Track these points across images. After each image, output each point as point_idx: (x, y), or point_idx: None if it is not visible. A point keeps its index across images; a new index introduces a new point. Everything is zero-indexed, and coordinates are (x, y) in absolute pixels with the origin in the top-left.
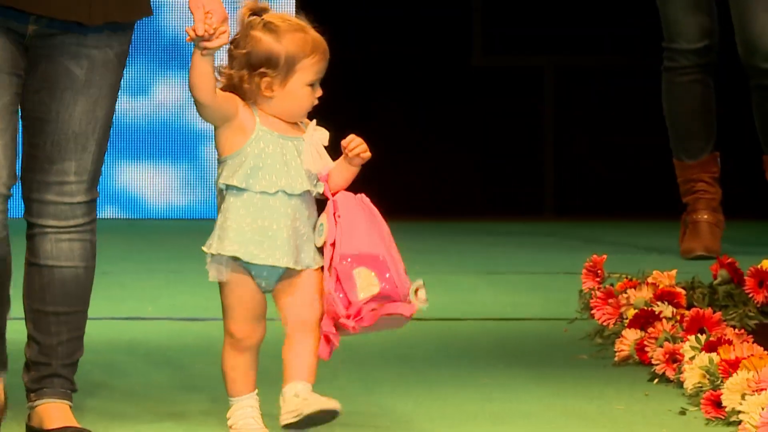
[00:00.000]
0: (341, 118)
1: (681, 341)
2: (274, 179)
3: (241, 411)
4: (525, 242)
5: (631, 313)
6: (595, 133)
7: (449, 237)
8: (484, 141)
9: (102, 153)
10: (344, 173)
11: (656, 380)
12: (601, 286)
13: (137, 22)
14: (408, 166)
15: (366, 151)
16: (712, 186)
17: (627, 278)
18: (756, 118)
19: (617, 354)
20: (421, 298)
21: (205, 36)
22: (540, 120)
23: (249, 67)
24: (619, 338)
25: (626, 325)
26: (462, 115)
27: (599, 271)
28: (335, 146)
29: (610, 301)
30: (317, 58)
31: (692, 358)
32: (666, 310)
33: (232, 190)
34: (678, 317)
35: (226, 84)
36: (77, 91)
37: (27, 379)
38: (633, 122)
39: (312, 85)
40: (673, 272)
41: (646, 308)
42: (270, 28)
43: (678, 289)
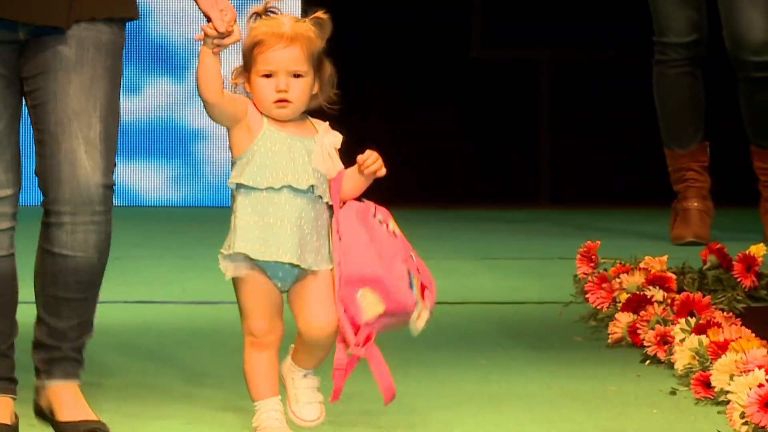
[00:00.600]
0: (345, 109)
1: (672, 324)
2: (280, 175)
3: (266, 414)
4: (521, 229)
5: (624, 297)
6: (589, 125)
7: (448, 224)
8: (483, 132)
9: (110, 135)
10: (357, 183)
11: (648, 361)
12: (595, 271)
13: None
14: (409, 156)
15: (381, 168)
16: (702, 175)
17: (620, 263)
18: (743, 109)
19: (610, 336)
20: (419, 324)
21: (225, 33)
22: (536, 112)
23: (240, 66)
24: (612, 321)
25: (619, 309)
26: (461, 107)
27: (593, 257)
28: (347, 150)
29: (604, 286)
30: (264, 48)
31: (682, 341)
32: (657, 294)
33: (241, 189)
34: (669, 301)
35: (233, 85)
36: (70, 70)
37: (36, 359)
38: (626, 114)
39: (269, 76)
40: (664, 258)
41: (638, 292)
42: (251, 26)
43: (669, 274)
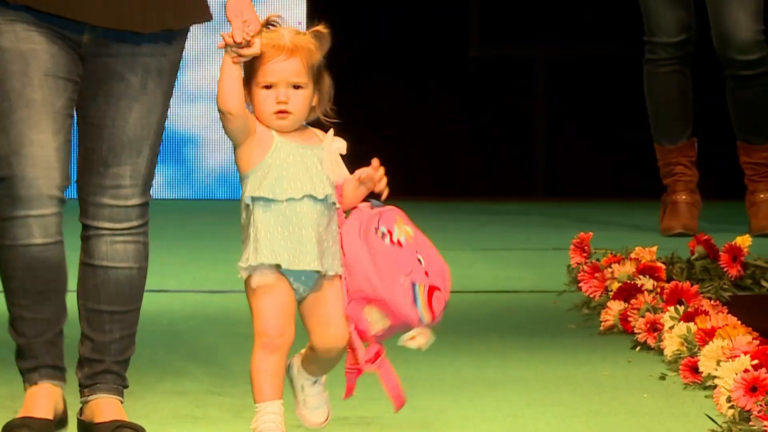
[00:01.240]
0: (347, 105)
1: (661, 312)
2: (300, 185)
3: (265, 416)
4: (517, 221)
5: (616, 286)
6: (583, 121)
7: (448, 216)
8: (481, 128)
9: (155, 157)
10: (356, 192)
11: (638, 348)
12: (588, 261)
13: None
14: (410, 150)
15: (385, 184)
16: (690, 169)
17: (611, 254)
18: (730, 106)
19: (602, 324)
20: (414, 343)
21: (242, 44)
22: (532, 109)
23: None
24: (604, 309)
25: (611, 297)
26: (461, 104)
27: (586, 248)
28: (352, 156)
29: (596, 275)
30: (264, 60)
31: (671, 328)
32: (647, 284)
33: (260, 202)
34: (658, 290)
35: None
36: (132, 99)
37: (80, 376)
38: (618, 110)
39: (269, 87)
40: (654, 248)
41: (629, 281)
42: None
43: (658, 264)
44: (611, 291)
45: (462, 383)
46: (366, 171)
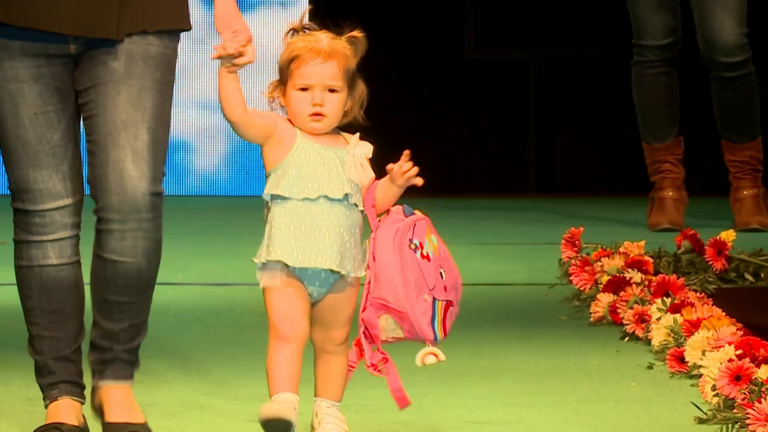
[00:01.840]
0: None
1: (649, 304)
2: (316, 186)
3: (273, 402)
4: (511, 216)
5: (605, 279)
6: (573, 120)
7: (444, 212)
8: (476, 127)
9: (158, 145)
10: (390, 193)
11: (627, 338)
12: (579, 255)
13: None
14: (407, 146)
15: (415, 174)
16: (677, 166)
17: (601, 248)
18: (715, 107)
19: (592, 315)
20: (426, 362)
21: (236, 54)
22: (525, 108)
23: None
24: (594, 301)
25: (600, 290)
26: (457, 104)
27: (577, 242)
28: (377, 160)
29: (586, 269)
30: (301, 63)
31: (659, 319)
32: (636, 277)
33: (277, 200)
34: (646, 282)
35: (269, 100)
36: (118, 83)
37: (92, 359)
38: (607, 110)
39: (305, 90)
40: (642, 243)
41: (618, 275)
42: (289, 42)
43: (646, 258)
44: (601, 284)
45: (458, 372)
46: (395, 166)
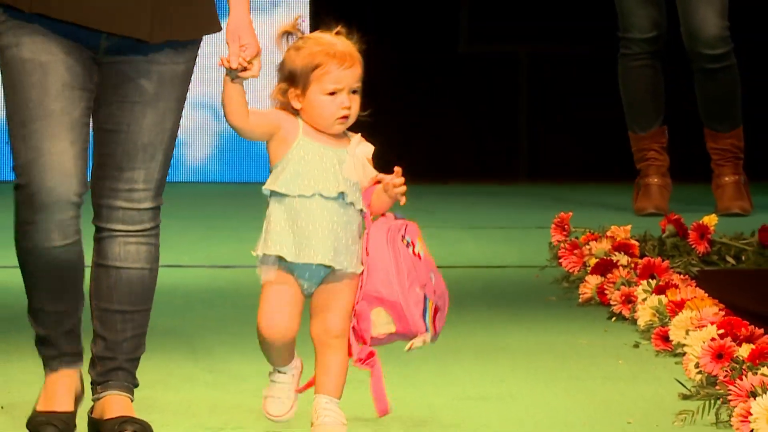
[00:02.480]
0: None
1: (635, 285)
2: (312, 183)
3: (273, 386)
4: (503, 202)
5: (593, 262)
6: (562, 111)
7: (439, 197)
8: (470, 117)
9: (168, 162)
10: (383, 201)
11: (614, 318)
12: (568, 239)
13: None
14: (405, 138)
15: (402, 192)
16: (661, 154)
17: (589, 232)
18: (698, 97)
19: (581, 296)
20: (414, 345)
21: (238, 69)
22: (516, 99)
23: (283, 81)
24: (583, 283)
25: (589, 272)
26: (452, 96)
27: (566, 226)
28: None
29: (575, 252)
30: (330, 68)
31: (644, 300)
32: (622, 259)
33: (275, 195)
34: (632, 265)
35: (272, 97)
36: (146, 104)
37: (93, 374)
38: (594, 101)
39: (333, 94)
40: (628, 227)
41: (606, 257)
42: (296, 46)
43: (632, 242)
44: (589, 266)
45: (451, 350)
46: (387, 178)
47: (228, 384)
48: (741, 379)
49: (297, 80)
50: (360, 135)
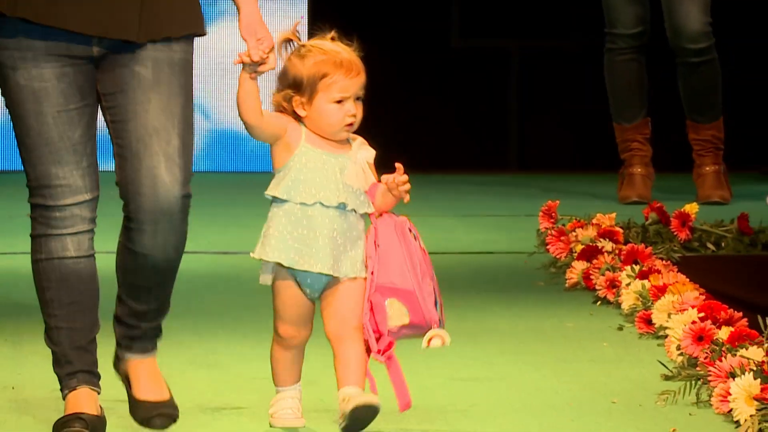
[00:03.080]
0: None
1: (619, 271)
2: (313, 191)
3: (282, 402)
4: (493, 190)
5: (579, 248)
6: (550, 103)
7: (432, 186)
8: (461, 109)
9: (188, 149)
10: (386, 198)
11: (599, 302)
12: (555, 226)
13: None
14: (399, 129)
15: (407, 190)
16: (645, 145)
17: (576, 220)
18: (681, 90)
19: (568, 281)
20: (432, 344)
21: (257, 63)
22: (506, 92)
23: (286, 88)
24: (569, 268)
25: (575, 258)
26: (444, 89)
27: (553, 214)
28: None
29: (562, 238)
30: (338, 77)
31: (628, 285)
32: (607, 246)
33: (276, 201)
34: (617, 251)
35: (275, 102)
36: (148, 89)
37: (117, 332)
38: (581, 94)
39: (340, 102)
40: (613, 215)
41: (591, 244)
42: (300, 54)
43: (617, 229)
44: (575, 252)
45: None
46: (390, 177)
47: (230, 366)
48: (720, 361)
49: (303, 88)
50: (362, 139)
